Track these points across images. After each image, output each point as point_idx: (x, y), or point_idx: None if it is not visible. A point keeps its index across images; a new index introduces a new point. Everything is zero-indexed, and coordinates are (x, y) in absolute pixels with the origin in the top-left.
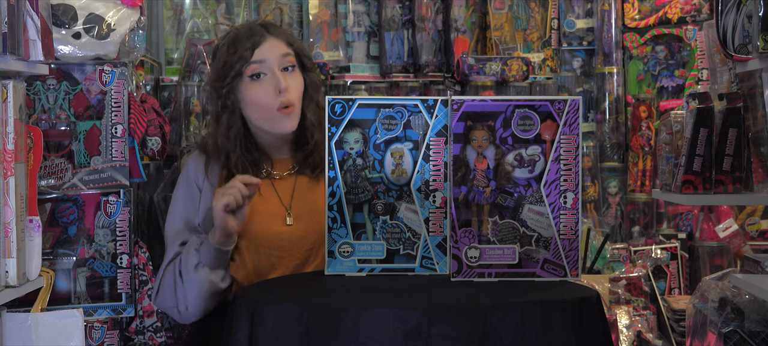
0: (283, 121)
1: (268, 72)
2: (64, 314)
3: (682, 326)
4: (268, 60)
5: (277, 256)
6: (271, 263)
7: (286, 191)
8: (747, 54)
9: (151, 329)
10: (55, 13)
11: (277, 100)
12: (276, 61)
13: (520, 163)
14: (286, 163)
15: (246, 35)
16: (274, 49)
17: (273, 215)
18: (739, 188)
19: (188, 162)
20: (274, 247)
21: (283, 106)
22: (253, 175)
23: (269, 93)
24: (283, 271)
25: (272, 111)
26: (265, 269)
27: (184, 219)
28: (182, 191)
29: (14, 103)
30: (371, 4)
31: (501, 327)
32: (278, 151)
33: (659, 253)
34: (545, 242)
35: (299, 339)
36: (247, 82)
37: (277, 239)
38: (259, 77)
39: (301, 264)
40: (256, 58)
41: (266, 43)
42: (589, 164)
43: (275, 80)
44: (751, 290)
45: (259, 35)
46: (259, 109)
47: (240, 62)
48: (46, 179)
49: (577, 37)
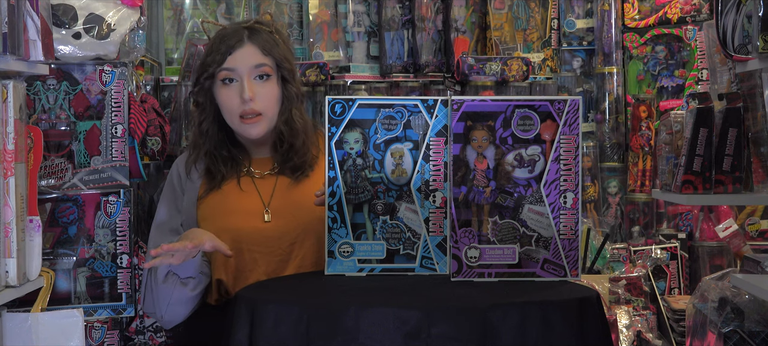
0: (245, 128)
1: (238, 79)
2: (64, 314)
3: (682, 326)
4: (238, 69)
5: (258, 252)
6: (253, 259)
7: (266, 189)
8: (747, 54)
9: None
10: (55, 13)
11: (240, 107)
12: (247, 70)
13: (520, 163)
14: (266, 162)
15: (225, 38)
16: (247, 57)
17: (251, 212)
18: (739, 188)
19: (176, 162)
20: (254, 243)
21: (245, 114)
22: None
23: (234, 99)
24: (266, 267)
25: (235, 116)
26: (248, 265)
27: (166, 222)
28: (166, 194)
29: (14, 103)
30: (371, 4)
31: (501, 327)
32: (257, 150)
33: (659, 253)
34: (545, 242)
35: (299, 339)
36: (219, 85)
37: (256, 235)
38: (230, 82)
39: (283, 260)
40: (227, 65)
41: (241, 50)
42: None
43: (241, 88)
44: (751, 290)
45: (237, 40)
46: (226, 112)
47: (213, 65)
48: (46, 179)
49: (577, 37)
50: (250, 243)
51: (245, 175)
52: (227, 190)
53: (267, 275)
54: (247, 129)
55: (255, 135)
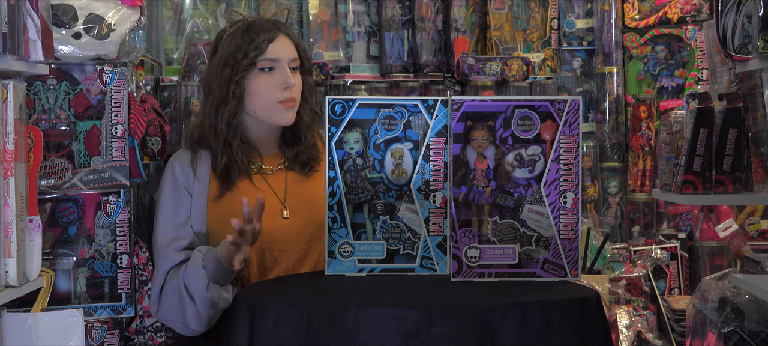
0: (283, 113)
1: (278, 68)
2: (64, 314)
3: (682, 326)
4: (281, 59)
5: (279, 250)
6: (274, 258)
7: (278, 185)
8: (747, 54)
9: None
10: (55, 13)
11: (283, 94)
12: (287, 61)
13: (520, 163)
14: (275, 158)
15: (261, 28)
16: (286, 48)
17: (269, 210)
18: (739, 188)
19: (173, 163)
20: (275, 242)
21: (287, 100)
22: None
23: (276, 86)
24: (286, 265)
25: (275, 103)
26: (269, 265)
27: (174, 225)
28: (170, 195)
29: (14, 103)
30: (371, 4)
31: (501, 327)
32: (268, 146)
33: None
34: (545, 242)
35: (299, 339)
36: (257, 73)
37: (277, 234)
38: (270, 70)
39: (302, 257)
40: (271, 54)
41: (280, 41)
42: (589, 164)
43: (285, 76)
44: (751, 290)
45: (274, 31)
46: (263, 99)
47: (256, 52)
48: (46, 179)
49: (577, 37)
50: (271, 242)
51: (256, 172)
52: (242, 189)
53: (287, 272)
54: (284, 113)
55: (288, 120)
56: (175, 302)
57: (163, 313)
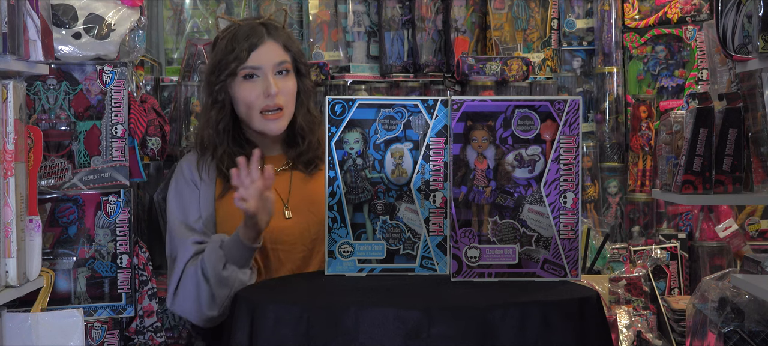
0: (266, 124)
1: (261, 75)
2: (64, 314)
3: (682, 326)
4: (263, 66)
5: (283, 251)
6: (279, 259)
7: (282, 186)
8: (747, 54)
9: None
10: (55, 13)
11: (264, 102)
12: (270, 67)
13: (520, 163)
14: (279, 159)
15: (245, 35)
16: (270, 54)
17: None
18: (739, 188)
19: (181, 164)
20: (278, 242)
21: (268, 109)
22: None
23: (258, 94)
24: (291, 265)
25: (256, 111)
26: (273, 265)
27: (188, 215)
28: (180, 189)
29: (14, 103)
30: (371, 4)
31: (501, 327)
32: (270, 148)
33: (659, 253)
34: (545, 242)
35: (299, 339)
36: (240, 82)
37: (280, 234)
38: (252, 77)
39: (307, 257)
40: (251, 63)
41: (263, 47)
42: (589, 164)
43: (266, 84)
44: (751, 290)
45: (259, 37)
46: (246, 107)
47: (236, 62)
48: (46, 179)
49: (577, 37)
50: (274, 242)
51: None
52: None
53: (293, 273)
54: (269, 124)
55: (275, 130)
56: (191, 287)
57: (180, 302)
